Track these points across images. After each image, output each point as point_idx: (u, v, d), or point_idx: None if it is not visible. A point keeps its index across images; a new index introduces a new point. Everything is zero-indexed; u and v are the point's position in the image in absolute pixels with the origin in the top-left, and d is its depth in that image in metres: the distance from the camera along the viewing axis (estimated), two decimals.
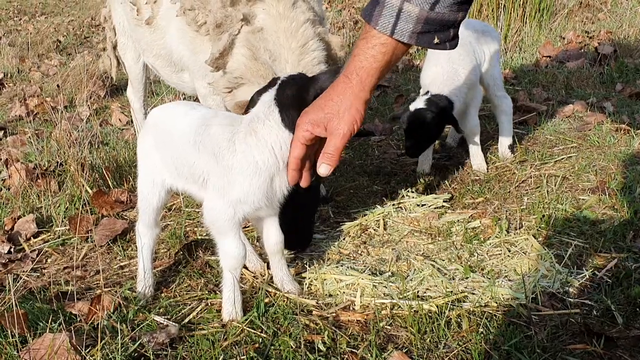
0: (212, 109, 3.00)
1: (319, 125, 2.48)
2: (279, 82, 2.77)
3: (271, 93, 2.75)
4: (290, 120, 2.63)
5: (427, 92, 4.23)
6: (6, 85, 9.02)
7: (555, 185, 4.10)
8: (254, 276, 3.20)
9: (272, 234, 2.95)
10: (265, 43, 3.42)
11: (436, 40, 2.33)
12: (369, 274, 3.15)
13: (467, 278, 3.11)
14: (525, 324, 2.72)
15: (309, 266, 3.26)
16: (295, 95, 2.68)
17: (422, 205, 3.97)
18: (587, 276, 3.06)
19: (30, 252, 3.67)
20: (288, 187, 2.77)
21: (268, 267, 3.16)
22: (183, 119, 2.85)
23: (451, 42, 2.37)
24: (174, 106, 3.04)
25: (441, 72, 4.29)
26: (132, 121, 5.74)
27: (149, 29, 4.15)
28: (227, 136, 2.70)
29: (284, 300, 2.94)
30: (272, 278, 3.09)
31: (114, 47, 5.12)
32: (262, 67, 3.38)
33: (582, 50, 7.81)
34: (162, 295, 3.09)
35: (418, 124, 4.12)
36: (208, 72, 3.61)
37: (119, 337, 2.61)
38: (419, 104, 4.14)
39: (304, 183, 2.71)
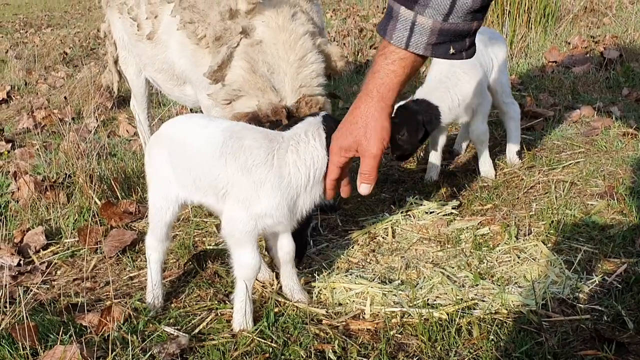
0: (237, 122, 3.02)
1: (350, 149, 2.53)
2: (323, 113, 2.85)
3: (318, 118, 2.80)
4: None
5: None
6: (13, 98, 9.05)
7: (563, 191, 4.09)
8: (262, 286, 3.20)
9: (285, 244, 2.96)
10: (264, 56, 3.43)
11: (452, 51, 2.32)
12: (379, 283, 3.15)
13: (476, 285, 3.11)
14: (536, 331, 2.72)
15: (318, 275, 3.26)
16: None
17: (431, 212, 3.97)
18: (597, 282, 3.05)
19: (40, 264, 3.68)
20: (310, 208, 2.84)
21: (277, 277, 3.17)
22: (203, 130, 2.85)
23: (467, 51, 2.36)
24: (189, 118, 3.05)
25: (439, 75, 4.27)
26: (138, 132, 5.75)
27: (151, 43, 4.15)
28: (265, 150, 2.72)
29: (293, 310, 2.94)
30: (281, 288, 3.09)
31: (115, 62, 5.13)
32: (260, 80, 3.39)
33: (588, 55, 7.79)
34: (172, 305, 3.09)
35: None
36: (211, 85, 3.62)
37: (130, 348, 2.62)
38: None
39: (345, 194, 2.82)
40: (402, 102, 4.11)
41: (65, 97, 8.24)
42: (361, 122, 2.45)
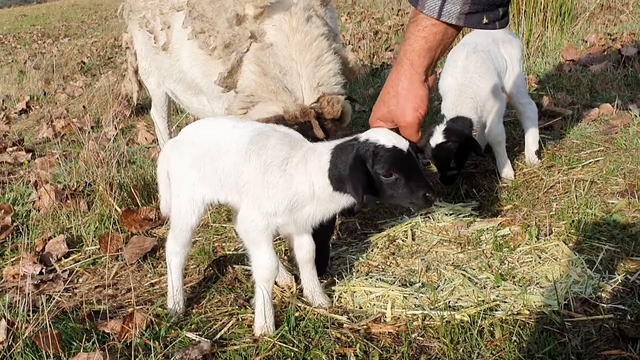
0: (267, 124, 3.01)
1: (387, 119, 2.56)
2: (356, 146, 2.64)
3: (330, 146, 2.73)
4: (335, 176, 2.65)
5: (443, 117, 4.21)
6: (33, 108, 9.14)
7: (583, 190, 4.06)
8: (282, 290, 3.20)
9: (305, 243, 2.96)
10: (275, 58, 3.41)
11: (485, 20, 2.30)
12: (399, 285, 3.14)
13: (498, 286, 3.09)
14: (559, 331, 2.70)
15: (338, 279, 3.26)
16: (348, 165, 2.63)
17: (451, 214, 3.96)
18: (620, 281, 3.02)
19: (62, 272, 3.71)
20: (323, 219, 2.82)
21: (296, 281, 3.17)
22: (232, 130, 2.88)
23: (501, 21, 2.34)
24: (214, 121, 3.10)
25: (456, 84, 4.27)
26: (157, 139, 5.79)
27: (166, 54, 4.17)
28: (283, 155, 2.73)
29: (314, 314, 2.94)
30: (301, 291, 3.09)
31: (136, 72, 5.16)
32: (272, 82, 3.37)
33: (606, 53, 7.73)
34: (193, 311, 3.10)
35: (443, 158, 4.17)
36: (222, 94, 3.62)
37: (152, 354, 2.63)
38: (438, 137, 4.12)
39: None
40: (442, 125, 4.16)
41: (84, 106, 8.31)
42: (392, 92, 2.48)
